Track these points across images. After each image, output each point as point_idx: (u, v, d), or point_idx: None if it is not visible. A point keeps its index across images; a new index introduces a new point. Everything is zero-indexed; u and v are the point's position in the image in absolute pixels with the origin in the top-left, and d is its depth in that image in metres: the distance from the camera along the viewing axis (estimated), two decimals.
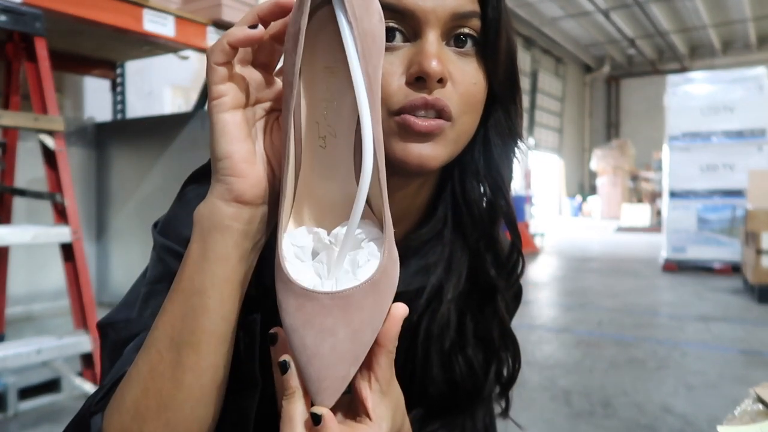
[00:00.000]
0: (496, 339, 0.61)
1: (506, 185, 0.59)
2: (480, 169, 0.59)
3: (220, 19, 2.55)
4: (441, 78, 0.49)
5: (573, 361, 3.19)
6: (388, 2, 0.50)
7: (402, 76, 0.50)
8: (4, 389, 2.21)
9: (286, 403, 0.41)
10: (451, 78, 0.51)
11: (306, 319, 0.39)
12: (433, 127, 0.50)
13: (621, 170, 15.62)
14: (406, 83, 0.50)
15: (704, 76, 6.94)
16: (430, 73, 0.48)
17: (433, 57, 0.48)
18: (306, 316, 0.38)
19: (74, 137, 3.07)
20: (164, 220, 0.58)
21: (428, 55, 0.48)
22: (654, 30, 15.21)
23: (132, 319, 0.55)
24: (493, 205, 0.59)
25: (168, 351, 0.44)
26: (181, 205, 0.57)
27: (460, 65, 0.52)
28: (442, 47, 0.51)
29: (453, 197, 0.60)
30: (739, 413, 0.71)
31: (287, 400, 0.41)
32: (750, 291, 5.00)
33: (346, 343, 0.39)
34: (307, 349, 0.39)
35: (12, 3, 1.89)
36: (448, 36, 0.52)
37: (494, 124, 0.58)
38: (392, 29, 0.50)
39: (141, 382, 0.44)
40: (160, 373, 0.44)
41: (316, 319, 0.38)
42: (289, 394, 0.41)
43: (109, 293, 3.12)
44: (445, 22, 0.50)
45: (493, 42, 0.53)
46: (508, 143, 0.58)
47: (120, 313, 0.57)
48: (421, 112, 0.50)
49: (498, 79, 0.55)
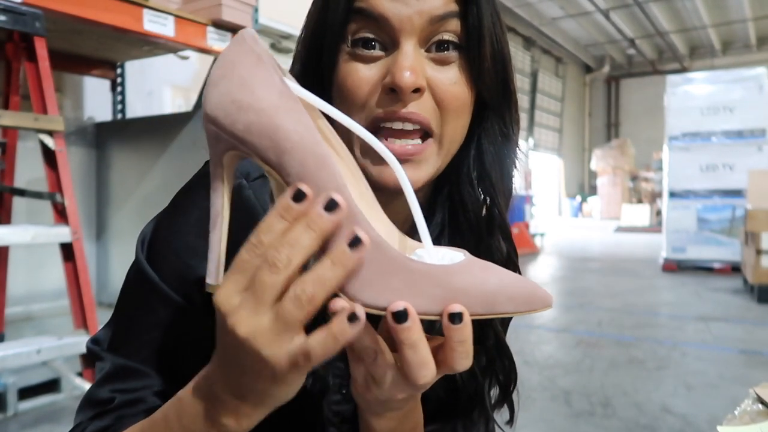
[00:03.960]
0: (491, 348, 0.60)
1: (499, 194, 0.57)
2: (474, 177, 0.57)
3: (220, 19, 2.56)
4: (417, 88, 0.48)
5: (573, 361, 3.19)
6: (363, 8, 0.49)
7: (379, 86, 0.49)
8: (4, 389, 2.21)
9: (410, 323, 0.36)
10: (430, 86, 0.50)
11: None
12: (409, 151, 0.49)
13: (621, 170, 15.62)
14: (382, 93, 0.49)
15: (704, 76, 6.94)
16: (402, 86, 0.47)
17: (405, 69, 0.47)
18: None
19: (74, 137, 3.08)
20: (151, 238, 0.56)
21: (401, 67, 0.47)
22: (654, 30, 15.21)
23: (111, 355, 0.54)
24: (491, 214, 0.58)
25: None
26: (175, 220, 0.55)
27: (441, 72, 0.50)
28: (420, 55, 0.50)
29: (451, 203, 0.59)
30: (739, 413, 0.72)
31: (409, 321, 0.36)
32: (750, 291, 5.00)
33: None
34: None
35: (12, 3, 1.89)
36: (427, 42, 0.50)
37: (486, 131, 0.56)
38: (369, 40, 0.50)
39: None
40: None
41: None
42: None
43: (109, 293, 3.12)
44: (423, 28, 0.49)
45: (476, 48, 0.51)
46: (501, 151, 0.57)
47: (104, 336, 0.56)
48: (398, 125, 0.49)
49: (486, 85, 0.53)
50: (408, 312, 0.36)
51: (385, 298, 0.37)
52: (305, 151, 0.36)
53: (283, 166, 0.37)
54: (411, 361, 0.37)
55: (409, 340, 0.37)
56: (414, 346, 0.37)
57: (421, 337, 0.37)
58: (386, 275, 0.37)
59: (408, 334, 0.36)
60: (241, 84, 0.37)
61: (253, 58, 0.37)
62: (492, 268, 0.39)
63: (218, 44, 2.61)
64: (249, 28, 0.39)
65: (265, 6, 2.94)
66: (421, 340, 0.37)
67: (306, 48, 0.55)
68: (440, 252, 0.40)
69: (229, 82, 0.37)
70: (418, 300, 0.37)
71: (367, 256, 0.36)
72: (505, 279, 0.39)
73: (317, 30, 0.53)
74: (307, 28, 0.55)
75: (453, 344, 0.37)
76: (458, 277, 0.37)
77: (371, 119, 0.50)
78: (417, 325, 0.37)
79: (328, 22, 0.51)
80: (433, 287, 0.37)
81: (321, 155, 0.36)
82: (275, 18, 4.48)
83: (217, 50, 2.64)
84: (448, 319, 0.36)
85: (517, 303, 0.38)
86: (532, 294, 0.39)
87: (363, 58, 0.50)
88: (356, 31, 0.50)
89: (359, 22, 0.50)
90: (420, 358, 0.37)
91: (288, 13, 4.39)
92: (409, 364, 0.37)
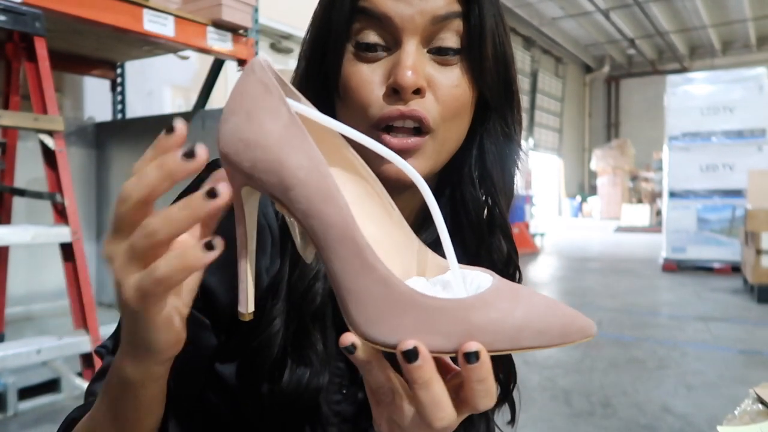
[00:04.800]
0: None
1: (500, 194, 0.57)
2: (476, 177, 0.58)
3: (220, 19, 2.56)
4: (418, 89, 0.49)
5: (573, 361, 3.19)
6: (366, 7, 0.50)
7: (382, 87, 0.50)
8: (4, 389, 2.21)
9: (421, 362, 0.35)
10: (431, 86, 0.50)
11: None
12: (409, 145, 0.50)
13: (621, 170, 15.63)
14: (385, 94, 0.50)
15: (704, 76, 6.94)
16: (404, 85, 0.48)
17: (407, 68, 0.48)
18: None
19: (74, 137, 3.08)
20: None
21: (403, 66, 0.48)
22: (654, 30, 15.21)
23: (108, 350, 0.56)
24: (492, 214, 0.59)
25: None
26: None
27: (442, 72, 0.51)
28: (422, 55, 0.50)
29: (452, 203, 0.59)
30: (739, 413, 0.72)
31: (420, 360, 0.35)
32: (750, 291, 5.00)
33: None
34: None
35: (12, 3, 1.89)
36: (430, 42, 0.51)
37: (488, 131, 0.57)
38: (372, 44, 0.50)
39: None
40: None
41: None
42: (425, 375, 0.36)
43: (108, 293, 3.12)
44: (425, 27, 0.50)
45: (478, 48, 0.51)
46: (503, 151, 0.57)
47: (110, 341, 0.58)
48: (399, 123, 0.50)
49: (488, 85, 0.53)
50: (419, 351, 0.34)
51: (395, 336, 0.35)
52: (310, 187, 0.35)
53: (290, 201, 0.36)
54: (424, 402, 0.36)
55: (421, 380, 0.35)
56: (427, 386, 0.35)
57: (434, 376, 0.36)
58: (397, 312, 0.35)
59: (420, 373, 0.35)
60: (247, 119, 0.36)
61: (260, 89, 0.36)
62: (521, 296, 0.36)
63: (218, 44, 2.61)
64: (260, 57, 0.38)
65: (265, 6, 2.94)
66: (434, 379, 0.36)
67: (311, 47, 0.56)
68: (466, 276, 0.38)
69: (237, 117, 0.37)
70: (431, 338, 0.35)
71: (376, 292, 0.35)
72: (533, 310, 0.35)
73: (322, 29, 0.54)
74: (313, 27, 0.56)
75: (471, 384, 0.36)
76: (478, 313, 0.34)
77: (376, 119, 0.50)
78: (429, 365, 0.35)
79: (332, 21, 0.52)
80: (448, 325, 0.35)
81: (326, 190, 0.35)
82: (275, 18, 4.49)
83: (217, 50, 2.64)
84: (463, 358, 0.35)
85: (548, 337, 0.35)
86: (567, 325, 0.36)
87: (367, 58, 0.51)
88: (360, 30, 0.51)
89: (363, 22, 0.51)
90: (433, 397, 0.36)
91: (288, 13, 4.39)
92: (422, 404, 0.36)
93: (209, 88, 3.23)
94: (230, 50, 2.68)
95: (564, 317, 0.36)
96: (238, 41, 2.71)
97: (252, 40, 2.78)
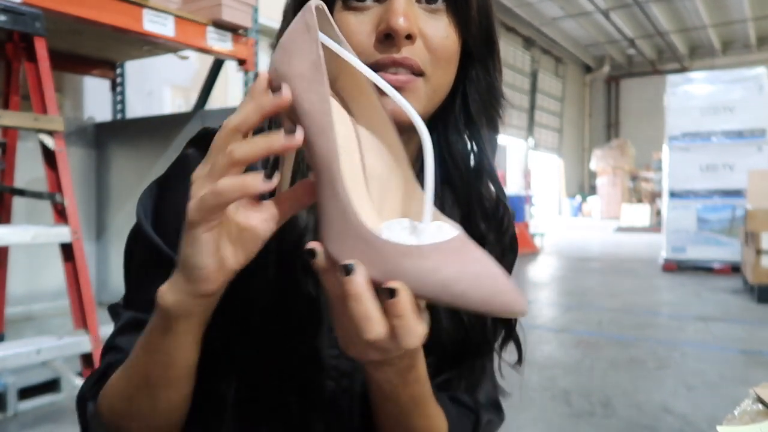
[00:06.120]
0: None
1: (485, 140, 0.59)
2: (461, 125, 0.60)
3: (220, 19, 2.56)
4: (409, 34, 0.50)
5: (573, 361, 3.19)
6: None
7: (372, 35, 0.51)
8: (4, 389, 2.21)
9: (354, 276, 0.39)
10: (421, 34, 0.52)
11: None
12: (403, 82, 0.51)
13: (621, 170, 15.63)
14: (376, 42, 0.50)
15: (704, 76, 6.94)
16: (398, 29, 0.49)
17: (400, 14, 0.49)
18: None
19: (74, 137, 3.07)
20: (157, 194, 0.59)
21: (395, 12, 0.49)
22: (654, 30, 15.21)
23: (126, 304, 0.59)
24: (479, 160, 0.60)
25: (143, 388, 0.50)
26: (182, 170, 0.57)
27: (431, 22, 0.52)
28: (412, 4, 0.51)
29: (440, 150, 0.61)
30: (739, 413, 0.71)
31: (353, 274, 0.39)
32: (750, 291, 5.00)
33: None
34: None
35: (12, 3, 1.89)
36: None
37: (472, 80, 0.58)
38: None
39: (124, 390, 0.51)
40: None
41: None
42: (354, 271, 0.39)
43: (108, 293, 3.13)
44: None
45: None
46: (486, 98, 0.59)
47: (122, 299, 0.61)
48: (391, 71, 0.51)
49: (472, 35, 0.55)
50: (354, 267, 0.38)
51: (344, 256, 0.40)
52: (312, 119, 0.41)
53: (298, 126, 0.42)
54: (355, 313, 0.39)
55: (352, 292, 0.38)
56: (357, 299, 0.38)
57: (366, 294, 0.38)
58: (346, 238, 0.40)
59: (351, 287, 0.38)
60: (283, 53, 0.42)
61: (302, 29, 0.42)
62: (466, 258, 0.39)
63: (218, 44, 2.61)
64: (316, 1, 0.42)
65: (265, 6, 2.94)
66: (366, 297, 0.38)
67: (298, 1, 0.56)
68: (441, 227, 0.41)
69: (280, 49, 0.43)
70: (367, 267, 0.39)
71: (337, 217, 0.41)
72: (467, 272, 0.38)
73: None
74: None
75: (391, 318, 0.38)
76: (410, 261, 0.38)
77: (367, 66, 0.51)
78: (361, 279, 0.38)
79: None
80: (383, 262, 0.39)
81: (322, 125, 0.41)
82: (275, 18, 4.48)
83: (217, 50, 2.64)
84: (383, 293, 0.38)
85: (469, 300, 0.38)
86: (493, 295, 0.38)
87: (356, 7, 0.52)
88: None
89: None
90: (363, 311, 0.38)
91: None
92: (354, 316, 0.39)
93: (209, 88, 3.23)
94: (230, 50, 2.68)
95: (494, 287, 0.38)
96: (238, 41, 2.71)
97: (252, 40, 2.78)
